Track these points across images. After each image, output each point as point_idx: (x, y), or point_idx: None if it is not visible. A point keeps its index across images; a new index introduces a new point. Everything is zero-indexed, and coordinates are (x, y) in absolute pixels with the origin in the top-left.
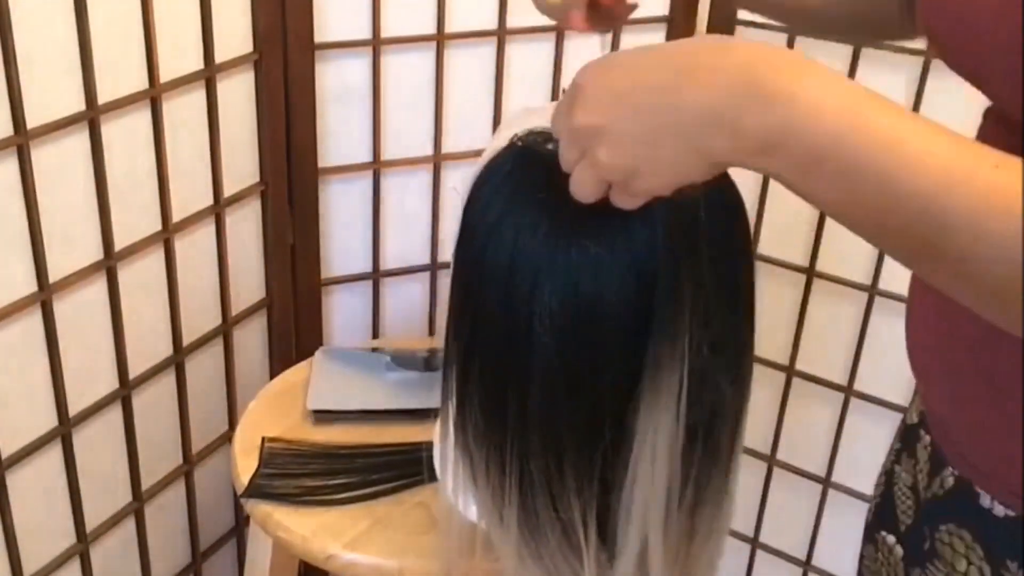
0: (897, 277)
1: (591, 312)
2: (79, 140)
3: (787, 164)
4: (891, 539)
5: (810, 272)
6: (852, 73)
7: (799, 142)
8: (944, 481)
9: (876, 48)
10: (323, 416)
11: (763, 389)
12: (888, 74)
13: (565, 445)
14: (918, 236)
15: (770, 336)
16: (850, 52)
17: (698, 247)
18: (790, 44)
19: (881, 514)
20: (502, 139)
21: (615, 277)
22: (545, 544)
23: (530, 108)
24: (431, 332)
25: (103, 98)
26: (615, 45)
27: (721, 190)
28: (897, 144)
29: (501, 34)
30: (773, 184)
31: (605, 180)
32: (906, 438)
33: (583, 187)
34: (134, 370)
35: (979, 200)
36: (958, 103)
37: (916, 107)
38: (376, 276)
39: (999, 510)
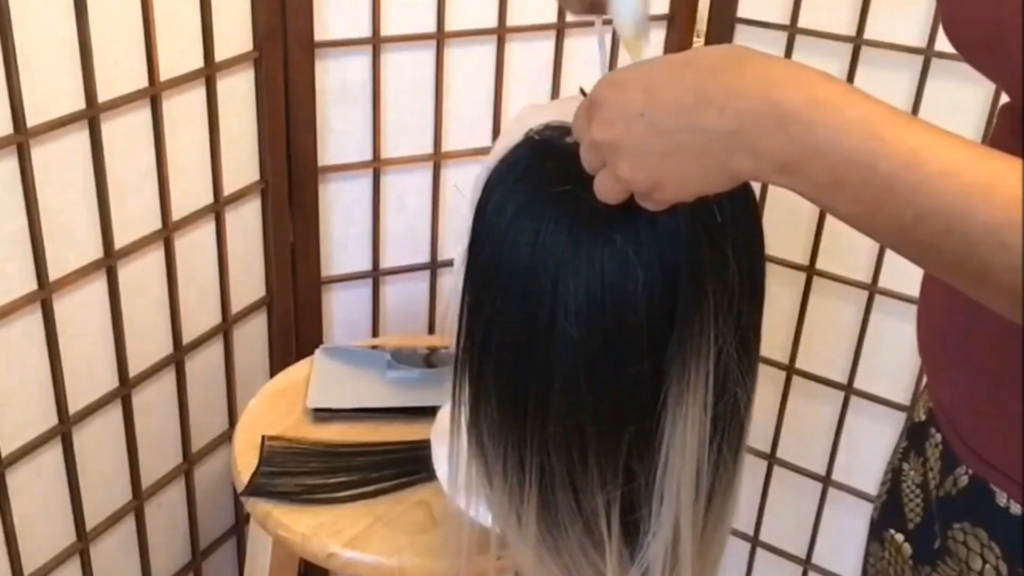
0: (897, 275)
1: (617, 304)
2: (79, 138)
3: (807, 183)
4: (899, 537)
5: (810, 270)
6: (852, 72)
7: (819, 163)
8: (957, 480)
9: (876, 47)
10: (323, 415)
11: (763, 387)
12: (888, 73)
13: (589, 437)
14: (940, 249)
15: (770, 334)
16: (850, 51)
17: (719, 236)
18: (790, 43)
19: (888, 512)
20: (512, 136)
21: (641, 268)
22: (565, 540)
23: (537, 104)
24: (431, 330)
25: (103, 96)
26: (616, 44)
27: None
28: (918, 164)
29: (501, 32)
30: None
31: (627, 190)
32: (914, 436)
33: (606, 194)
34: (134, 368)
35: (1001, 213)
36: (958, 103)
37: (916, 107)
38: (376, 274)
39: (1016, 509)
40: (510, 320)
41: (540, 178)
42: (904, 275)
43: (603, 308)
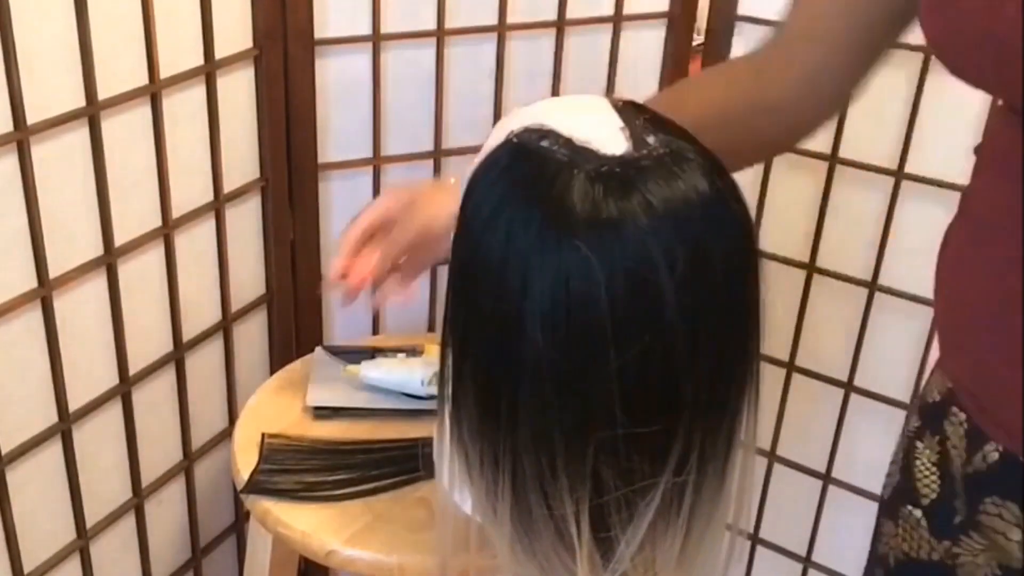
0: (897, 273)
1: (580, 307)
2: (79, 136)
3: None
4: (917, 512)
5: (810, 268)
6: None
7: None
8: (987, 456)
9: None
10: (322, 413)
11: (763, 385)
12: (887, 70)
13: (556, 443)
14: None
15: (770, 332)
16: None
17: (694, 251)
18: None
19: (901, 490)
20: (499, 135)
21: (604, 272)
22: (539, 540)
23: (527, 106)
24: (431, 328)
25: (103, 94)
26: (615, 41)
27: (725, 203)
28: None
29: (501, 30)
30: (773, 179)
31: None
32: (928, 416)
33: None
34: (134, 366)
35: None
36: (957, 100)
37: (916, 105)
38: None
39: None
40: (484, 320)
41: (515, 180)
42: (904, 273)
43: (567, 311)
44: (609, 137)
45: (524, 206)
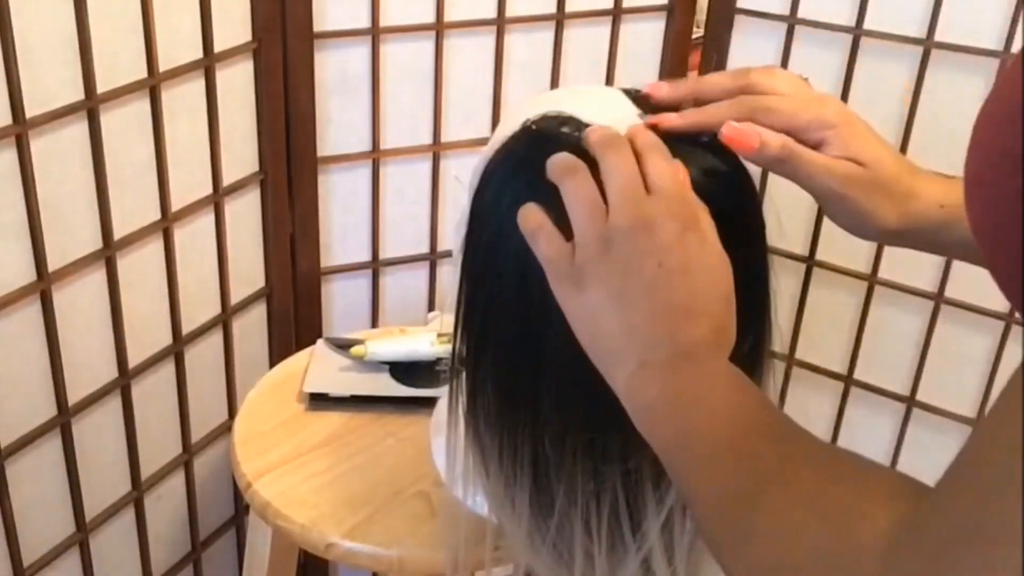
0: (897, 266)
1: None
2: (78, 129)
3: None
4: None
5: (810, 261)
6: (852, 63)
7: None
8: None
9: (876, 38)
10: (319, 401)
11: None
12: (889, 64)
13: (582, 427)
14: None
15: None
16: (849, 42)
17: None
18: (789, 34)
19: None
20: (510, 125)
21: None
22: (559, 527)
23: (537, 94)
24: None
25: (102, 87)
26: (614, 34)
27: (733, 177)
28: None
29: (501, 23)
30: (773, 175)
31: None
32: None
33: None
34: (133, 359)
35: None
36: (958, 93)
37: (916, 96)
38: (376, 265)
39: None
40: (506, 309)
41: (536, 168)
42: (904, 266)
43: None
44: (628, 123)
45: (548, 194)
